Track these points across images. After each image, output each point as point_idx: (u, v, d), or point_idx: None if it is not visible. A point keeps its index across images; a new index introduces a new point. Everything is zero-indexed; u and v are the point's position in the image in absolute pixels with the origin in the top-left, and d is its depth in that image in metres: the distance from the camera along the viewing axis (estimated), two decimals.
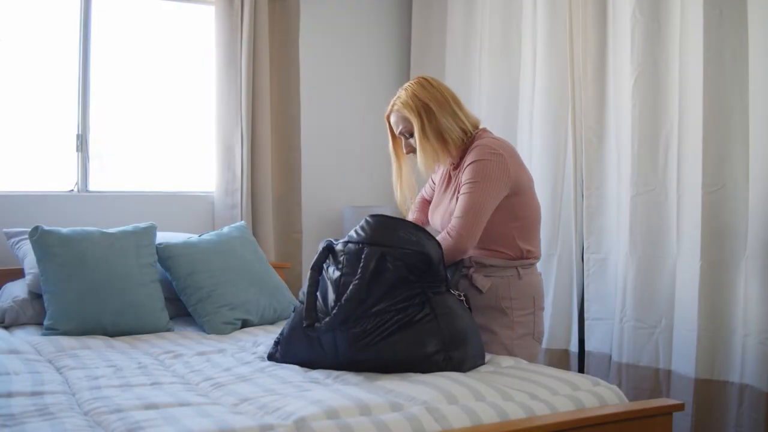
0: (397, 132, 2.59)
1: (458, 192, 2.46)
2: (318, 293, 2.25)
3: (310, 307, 2.22)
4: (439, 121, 2.48)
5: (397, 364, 2.15)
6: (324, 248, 2.30)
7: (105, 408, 1.84)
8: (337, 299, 2.17)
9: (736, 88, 2.81)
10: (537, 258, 2.58)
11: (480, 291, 2.48)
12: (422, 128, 2.48)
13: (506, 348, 2.46)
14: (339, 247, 2.27)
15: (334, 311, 2.14)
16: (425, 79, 2.57)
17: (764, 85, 2.71)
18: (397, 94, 2.57)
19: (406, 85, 2.57)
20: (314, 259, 2.30)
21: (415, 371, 2.14)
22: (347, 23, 4.46)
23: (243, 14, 3.93)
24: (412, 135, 2.54)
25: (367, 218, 2.28)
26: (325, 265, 2.29)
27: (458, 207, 2.40)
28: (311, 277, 2.27)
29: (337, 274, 2.22)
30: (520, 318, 2.49)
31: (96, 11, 3.80)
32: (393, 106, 2.57)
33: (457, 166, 2.56)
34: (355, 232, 2.27)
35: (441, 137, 2.49)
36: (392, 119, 2.60)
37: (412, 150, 2.58)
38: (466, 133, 2.53)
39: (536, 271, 2.59)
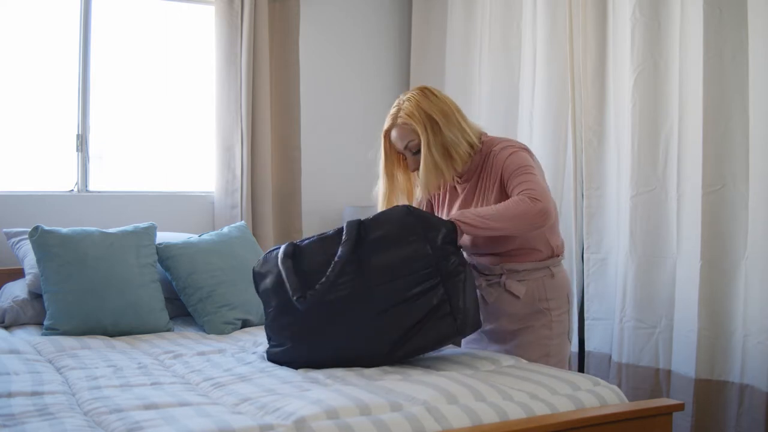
0: (402, 147, 2.38)
1: (486, 191, 2.37)
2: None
3: (293, 283, 2.19)
4: (444, 135, 2.31)
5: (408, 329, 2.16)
6: (289, 243, 2.29)
7: (105, 408, 1.84)
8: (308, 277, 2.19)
9: (736, 88, 2.81)
10: (563, 253, 2.51)
11: (517, 297, 2.40)
12: (428, 143, 2.30)
13: (544, 349, 2.39)
14: (305, 243, 2.28)
15: (327, 274, 2.14)
16: (427, 88, 2.38)
17: (764, 85, 2.71)
18: (397, 106, 2.37)
19: (408, 95, 2.38)
20: (283, 250, 2.26)
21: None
22: (347, 23, 4.46)
23: (243, 14, 3.93)
24: (419, 151, 2.34)
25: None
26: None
27: (518, 185, 2.24)
28: (286, 262, 2.23)
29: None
30: (557, 317, 2.43)
31: (96, 11, 3.80)
32: (396, 119, 2.36)
33: (468, 177, 2.43)
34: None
35: (447, 153, 2.32)
36: (394, 134, 2.38)
37: (417, 167, 2.38)
38: (472, 147, 2.38)
39: (564, 267, 2.53)
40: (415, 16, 4.47)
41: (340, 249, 2.17)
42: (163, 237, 3.29)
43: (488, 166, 2.38)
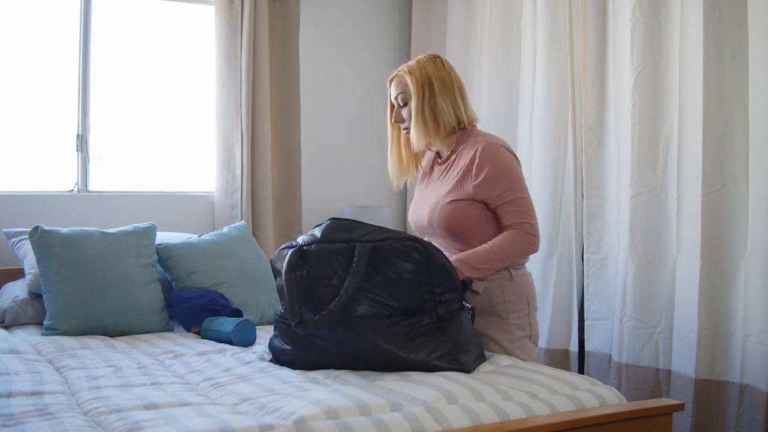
0: (393, 97, 2.53)
1: (450, 177, 2.44)
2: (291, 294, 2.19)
3: (294, 306, 2.16)
4: (437, 101, 2.44)
5: (399, 360, 2.14)
6: (296, 249, 2.23)
7: (105, 408, 1.84)
8: (316, 296, 2.15)
9: (736, 88, 2.81)
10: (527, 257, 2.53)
11: (476, 293, 2.41)
12: (421, 103, 2.44)
13: (507, 352, 2.40)
14: (312, 248, 2.21)
15: (330, 307, 2.11)
16: (439, 57, 2.53)
17: (764, 85, 2.71)
18: (407, 63, 2.54)
19: (422, 56, 2.53)
20: (288, 260, 2.20)
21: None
22: (347, 23, 4.46)
23: (243, 14, 3.93)
24: (405, 104, 2.49)
25: (326, 222, 2.29)
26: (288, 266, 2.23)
27: (513, 213, 2.36)
28: (290, 277, 2.18)
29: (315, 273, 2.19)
30: (516, 321, 2.44)
31: (96, 11, 3.80)
32: (399, 71, 2.52)
33: (445, 160, 2.52)
34: (313, 234, 2.26)
35: (434, 118, 2.45)
36: (393, 84, 2.54)
37: (399, 120, 2.53)
38: (459, 123, 2.49)
39: (527, 271, 2.53)
40: (415, 16, 4.47)
41: (348, 279, 2.12)
42: (163, 237, 3.29)
43: (464, 154, 2.44)
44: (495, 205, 2.38)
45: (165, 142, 4.03)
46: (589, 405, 1.98)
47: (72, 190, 3.78)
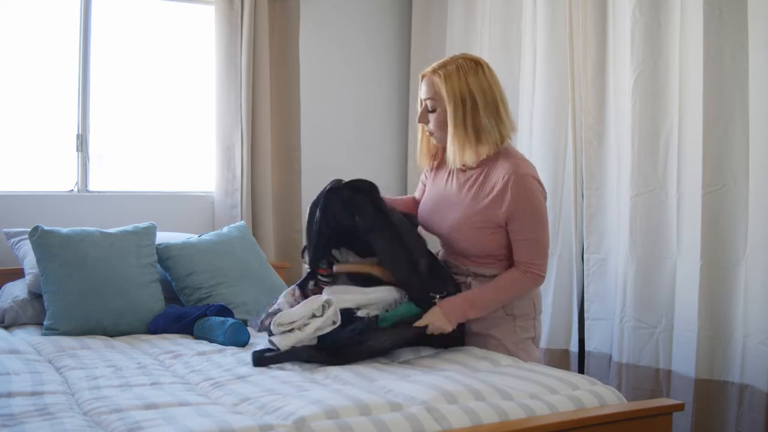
0: (422, 96, 2.37)
1: (481, 198, 2.37)
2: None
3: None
4: (480, 117, 2.28)
5: None
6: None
7: (105, 408, 1.84)
8: None
9: (736, 88, 2.81)
10: None
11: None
12: (463, 118, 2.27)
13: (510, 353, 2.41)
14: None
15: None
16: (481, 63, 2.33)
17: (764, 85, 2.71)
18: (445, 60, 2.34)
19: (462, 59, 2.33)
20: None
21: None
22: (347, 23, 4.46)
23: (243, 14, 3.93)
24: (434, 110, 2.35)
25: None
26: None
27: (527, 251, 2.34)
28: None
29: None
30: (522, 323, 2.45)
31: (96, 11, 3.80)
32: (435, 71, 2.33)
33: (469, 169, 2.41)
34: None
35: (477, 134, 2.30)
36: (426, 82, 2.36)
37: (424, 122, 2.40)
38: (502, 140, 2.35)
39: None
40: (415, 16, 4.46)
41: None
42: (163, 237, 3.28)
43: (494, 174, 2.37)
44: (512, 238, 2.36)
45: (165, 142, 4.03)
46: (589, 405, 1.98)
47: (72, 190, 3.78)
